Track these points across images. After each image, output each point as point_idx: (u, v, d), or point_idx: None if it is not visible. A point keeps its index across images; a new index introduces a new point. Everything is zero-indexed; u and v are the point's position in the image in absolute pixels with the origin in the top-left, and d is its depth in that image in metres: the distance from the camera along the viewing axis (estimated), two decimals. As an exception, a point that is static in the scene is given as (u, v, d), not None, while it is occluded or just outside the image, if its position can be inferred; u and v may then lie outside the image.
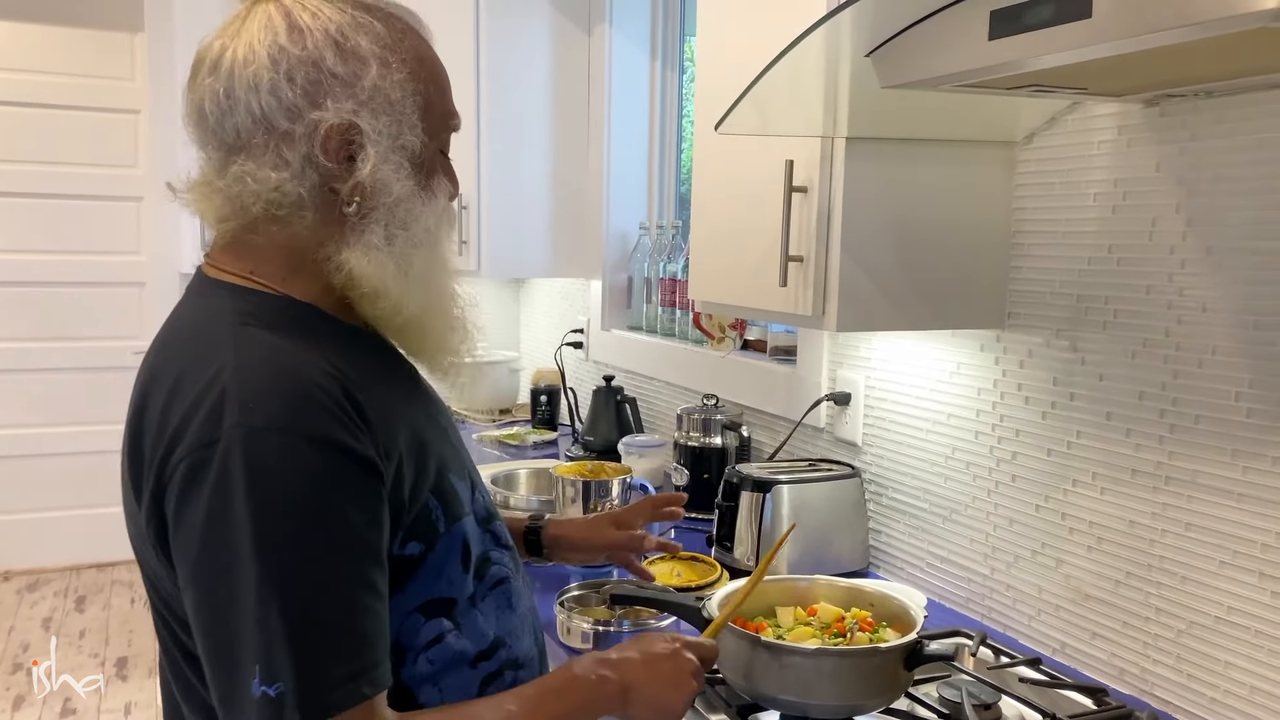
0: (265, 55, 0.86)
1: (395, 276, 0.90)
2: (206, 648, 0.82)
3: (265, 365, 0.84)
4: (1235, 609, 1.24)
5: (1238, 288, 1.22)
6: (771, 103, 1.30)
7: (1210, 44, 0.90)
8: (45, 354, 4.63)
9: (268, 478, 0.79)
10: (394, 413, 0.90)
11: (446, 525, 0.94)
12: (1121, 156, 1.36)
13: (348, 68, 0.87)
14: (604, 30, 2.83)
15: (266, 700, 0.78)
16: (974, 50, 1.02)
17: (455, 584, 0.95)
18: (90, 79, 4.54)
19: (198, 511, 0.80)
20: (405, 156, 0.91)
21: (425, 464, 0.92)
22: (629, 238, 2.89)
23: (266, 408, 0.81)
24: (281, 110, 0.87)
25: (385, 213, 0.90)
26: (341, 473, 0.82)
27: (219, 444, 0.79)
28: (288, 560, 0.79)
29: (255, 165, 0.88)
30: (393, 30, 0.91)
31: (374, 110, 0.88)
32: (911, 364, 1.75)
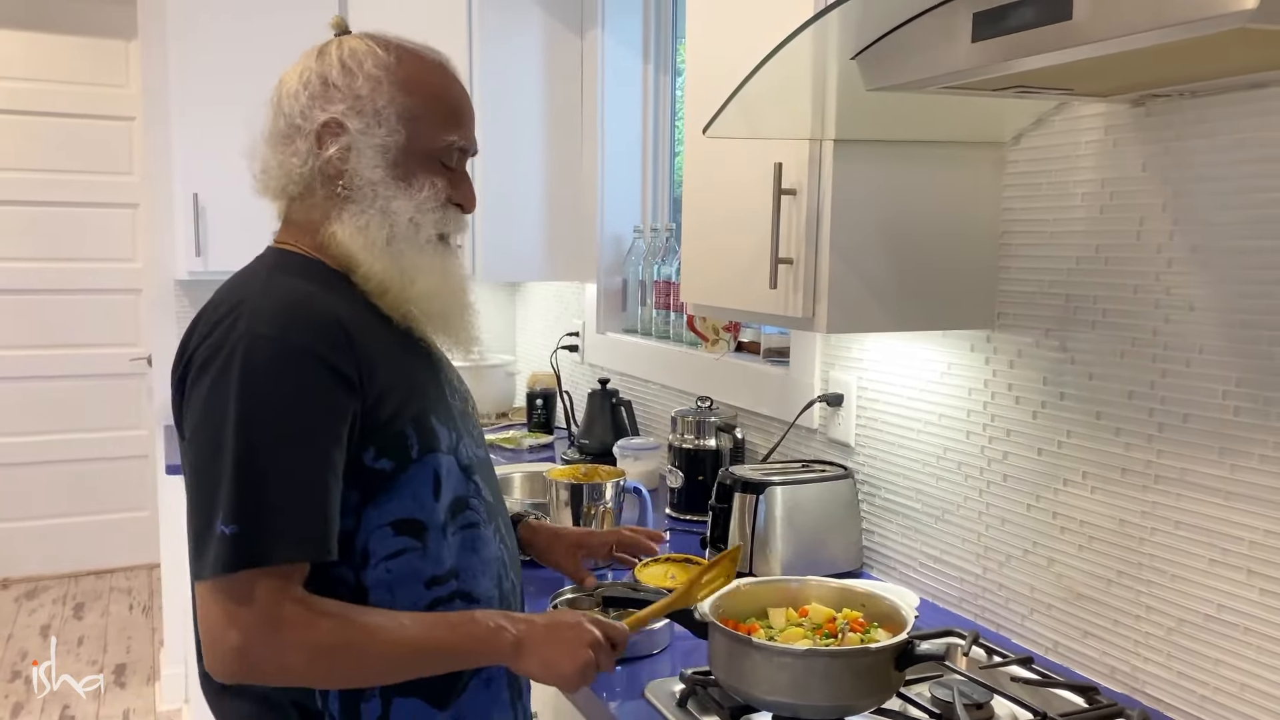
0: (298, 74, 1.14)
1: (366, 248, 1.11)
2: (191, 497, 1.03)
3: (279, 298, 1.06)
4: (1225, 606, 1.24)
5: (1224, 286, 1.22)
6: (759, 106, 1.31)
7: (1191, 45, 0.90)
8: (43, 361, 4.63)
9: (257, 372, 1.01)
10: (387, 353, 1.10)
11: (419, 454, 1.10)
12: (1108, 156, 1.36)
13: (345, 80, 1.11)
14: (596, 34, 2.83)
15: (223, 537, 0.98)
16: (957, 52, 1.03)
17: (425, 508, 1.10)
18: (85, 86, 4.55)
19: (202, 391, 1.03)
20: (380, 153, 1.11)
21: (409, 398, 1.10)
22: (623, 241, 2.89)
23: (268, 323, 1.03)
24: (299, 112, 1.12)
25: (363, 195, 1.11)
26: (317, 380, 1.02)
27: (227, 345, 1.02)
28: (260, 434, 1.00)
29: (286, 155, 1.13)
30: (399, 60, 1.14)
31: (358, 112, 1.11)
32: (903, 365, 1.75)
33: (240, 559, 0.97)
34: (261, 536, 0.98)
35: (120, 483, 4.79)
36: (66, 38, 4.50)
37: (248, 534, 0.97)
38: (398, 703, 1.10)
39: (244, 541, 0.97)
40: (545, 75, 2.90)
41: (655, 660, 1.48)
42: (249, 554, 0.97)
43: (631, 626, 1.19)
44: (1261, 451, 1.19)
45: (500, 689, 1.18)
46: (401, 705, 1.10)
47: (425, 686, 1.10)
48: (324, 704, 1.08)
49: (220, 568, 0.97)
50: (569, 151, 2.95)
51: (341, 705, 1.09)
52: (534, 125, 2.90)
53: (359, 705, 1.09)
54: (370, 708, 1.09)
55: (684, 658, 1.48)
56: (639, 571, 1.77)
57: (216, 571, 0.98)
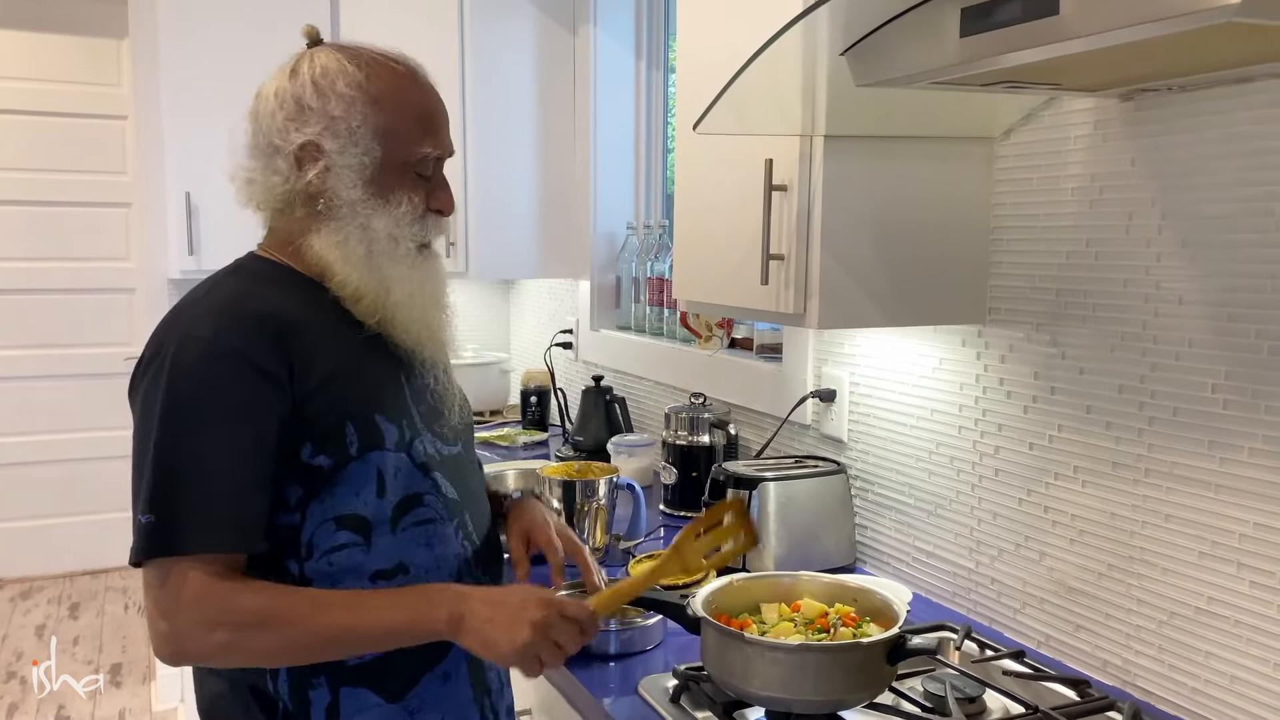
0: (273, 92, 1.16)
1: (343, 260, 1.14)
2: (130, 491, 1.07)
3: (220, 298, 1.12)
4: (1215, 599, 1.25)
5: (1213, 280, 1.23)
6: (749, 102, 1.31)
7: (1178, 39, 0.90)
8: (36, 362, 4.62)
9: (184, 371, 1.06)
10: (339, 352, 1.13)
11: (359, 451, 1.11)
12: (1098, 151, 1.37)
13: (319, 102, 1.13)
14: (589, 31, 2.83)
15: (139, 526, 1.04)
16: (946, 48, 1.03)
17: (369, 505, 1.12)
18: (77, 85, 4.53)
19: (140, 389, 1.09)
20: (356, 172, 1.14)
21: (351, 396, 1.12)
22: (616, 238, 2.89)
23: (201, 324, 1.08)
24: (276, 131, 1.15)
25: (342, 213, 1.14)
26: (239, 377, 1.06)
27: (165, 346, 1.08)
28: (179, 429, 1.05)
29: (267, 173, 1.16)
30: (370, 76, 1.15)
31: (334, 134, 1.13)
32: (895, 360, 1.76)
33: (154, 547, 1.03)
34: (173, 525, 1.03)
35: (115, 482, 4.77)
36: (58, 36, 4.49)
37: (162, 523, 1.03)
38: (346, 691, 1.12)
39: (158, 530, 1.03)
40: (537, 72, 2.89)
41: (648, 656, 1.48)
42: (163, 543, 1.03)
43: (600, 605, 1.12)
44: (1251, 445, 1.19)
45: (461, 685, 1.18)
46: (351, 694, 1.12)
47: (374, 676, 1.12)
48: (274, 687, 1.12)
49: (138, 555, 1.04)
50: (561, 148, 2.94)
51: (290, 689, 1.12)
52: (526, 122, 2.90)
53: (307, 692, 1.11)
54: (319, 696, 1.11)
55: (677, 653, 1.48)
56: (632, 567, 1.78)
57: (136, 559, 1.04)
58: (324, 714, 1.12)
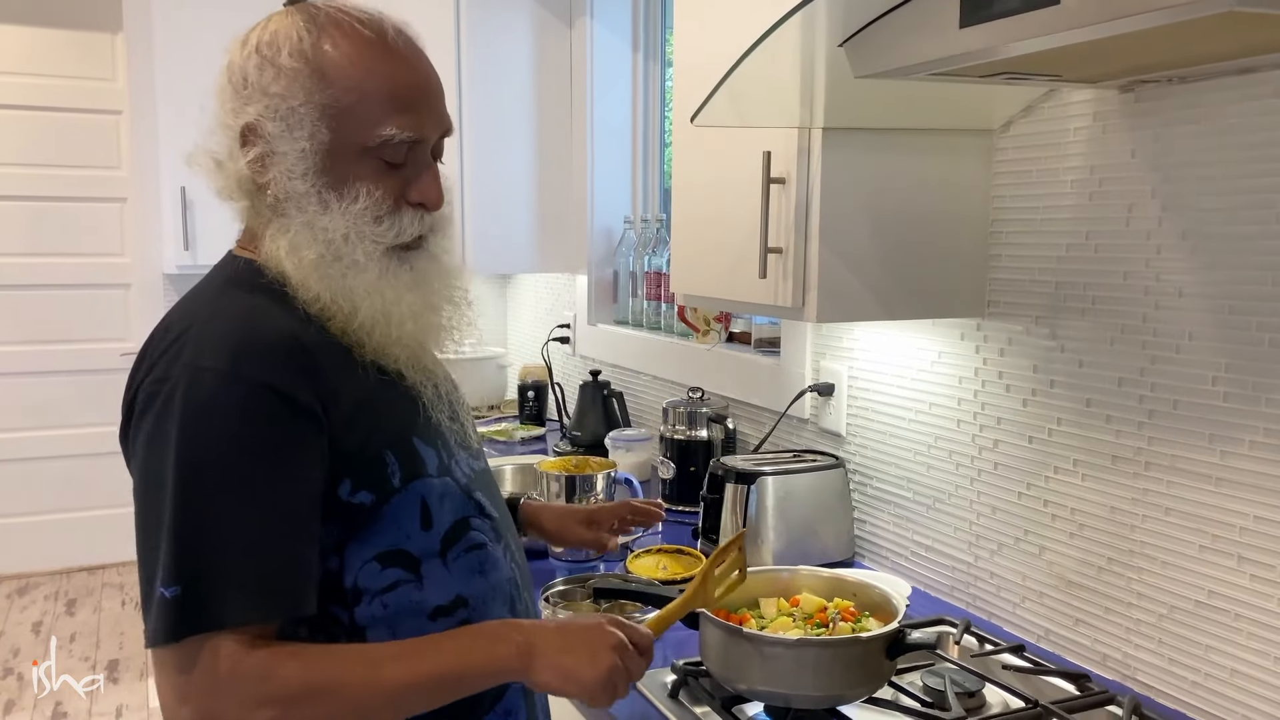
0: (226, 63, 1.01)
1: (295, 266, 0.98)
2: (138, 552, 0.92)
3: (230, 319, 0.95)
4: (1215, 593, 1.24)
5: (1213, 272, 1.22)
6: (747, 94, 1.30)
7: (1179, 29, 0.90)
8: (32, 357, 4.60)
9: (199, 411, 0.90)
10: (350, 374, 0.98)
11: (402, 481, 0.99)
12: (1097, 143, 1.36)
13: (259, 76, 0.98)
14: (585, 23, 2.82)
15: (163, 601, 0.87)
16: (945, 38, 1.02)
17: (414, 539, 0.99)
18: (72, 80, 4.51)
19: (143, 432, 0.92)
20: (301, 159, 0.97)
21: (382, 421, 0.99)
22: (614, 232, 2.88)
23: (216, 353, 0.92)
24: (226, 110, 1.01)
25: (288, 208, 0.99)
26: (271, 414, 0.91)
27: (170, 380, 0.91)
28: (203, 482, 0.89)
29: (222, 156, 1.02)
30: (319, 43, 0.98)
31: (274, 115, 0.97)
32: (893, 354, 1.75)
33: (184, 625, 0.87)
34: (207, 597, 0.87)
35: (111, 478, 4.75)
36: (51, 31, 4.47)
37: (190, 597, 0.87)
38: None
39: (187, 606, 0.87)
40: (534, 65, 2.88)
41: (647, 651, 1.47)
42: (193, 619, 0.87)
43: (654, 629, 1.08)
44: (1251, 438, 1.19)
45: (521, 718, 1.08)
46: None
47: None
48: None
49: (162, 636, 0.87)
50: (558, 142, 2.93)
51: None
52: (523, 116, 2.89)
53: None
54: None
55: (676, 648, 1.47)
56: (630, 563, 1.78)
57: (158, 641, 0.87)
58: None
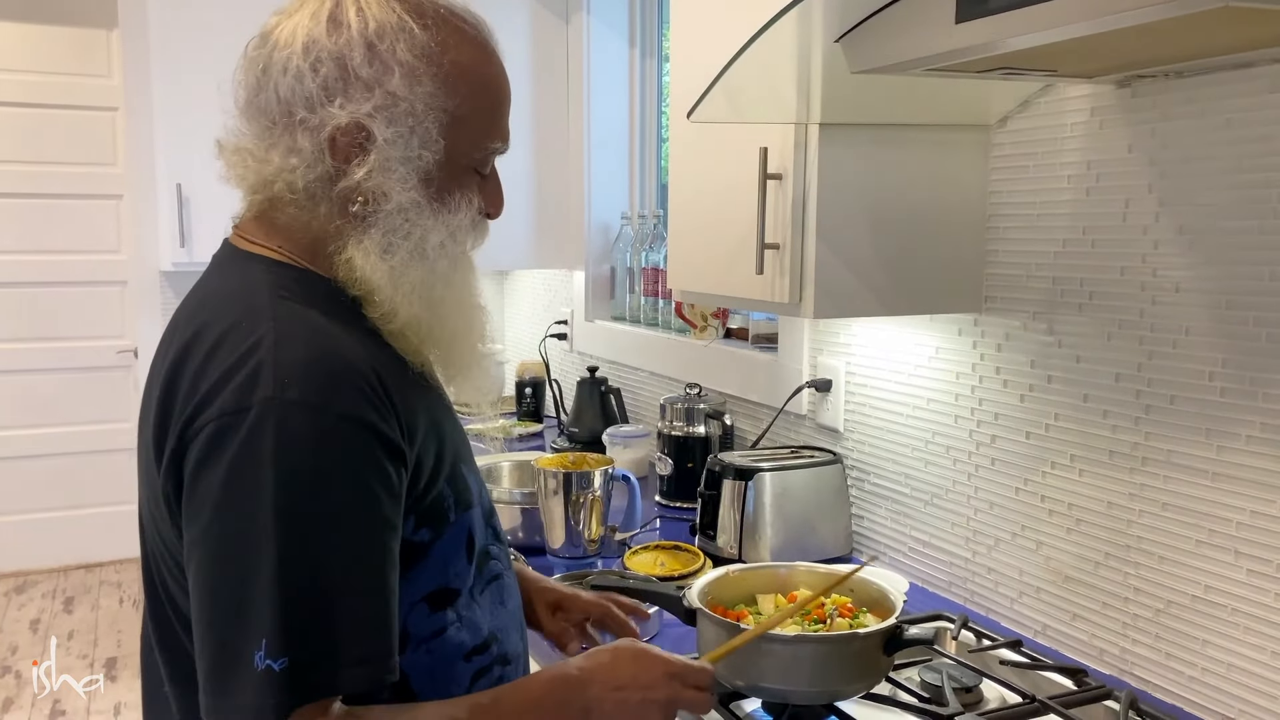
0: (301, 42, 0.87)
1: (389, 283, 0.90)
2: (206, 613, 0.80)
3: (303, 342, 0.84)
4: (1212, 588, 1.24)
5: (1210, 268, 1.22)
6: (743, 90, 1.30)
7: (1176, 23, 0.90)
8: (28, 355, 4.60)
9: (297, 450, 0.79)
10: (413, 400, 0.90)
11: (456, 514, 0.94)
12: (1094, 138, 1.36)
13: (372, 71, 0.87)
14: (582, 19, 2.82)
15: (269, 674, 0.76)
16: (942, 33, 1.02)
17: (460, 575, 0.94)
18: (67, 76, 4.50)
19: (217, 475, 0.79)
20: (414, 169, 0.90)
21: (442, 451, 0.93)
22: (611, 228, 2.88)
23: (302, 384, 0.81)
24: (301, 99, 0.87)
25: (386, 219, 0.89)
26: (370, 453, 0.82)
27: (250, 412, 0.79)
28: (312, 533, 0.78)
29: (274, 146, 0.89)
30: (441, 41, 0.89)
31: (389, 118, 0.88)
32: (891, 349, 1.75)
33: (296, 697, 0.77)
34: (321, 668, 0.78)
35: (108, 476, 4.76)
36: (46, 27, 4.46)
37: (304, 667, 0.77)
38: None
39: (299, 676, 0.77)
40: (530, 61, 2.88)
41: (645, 648, 1.47)
42: (306, 690, 0.78)
43: (715, 662, 1.07)
44: (1248, 433, 1.19)
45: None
46: None
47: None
48: None
49: (269, 711, 0.77)
50: (555, 138, 2.93)
51: None
52: (520, 111, 2.85)
53: None
54: None
55: (673, 645, 1.47)
56: (628, 559, 1.78)
57: (262, 714, 0.77)
58: None
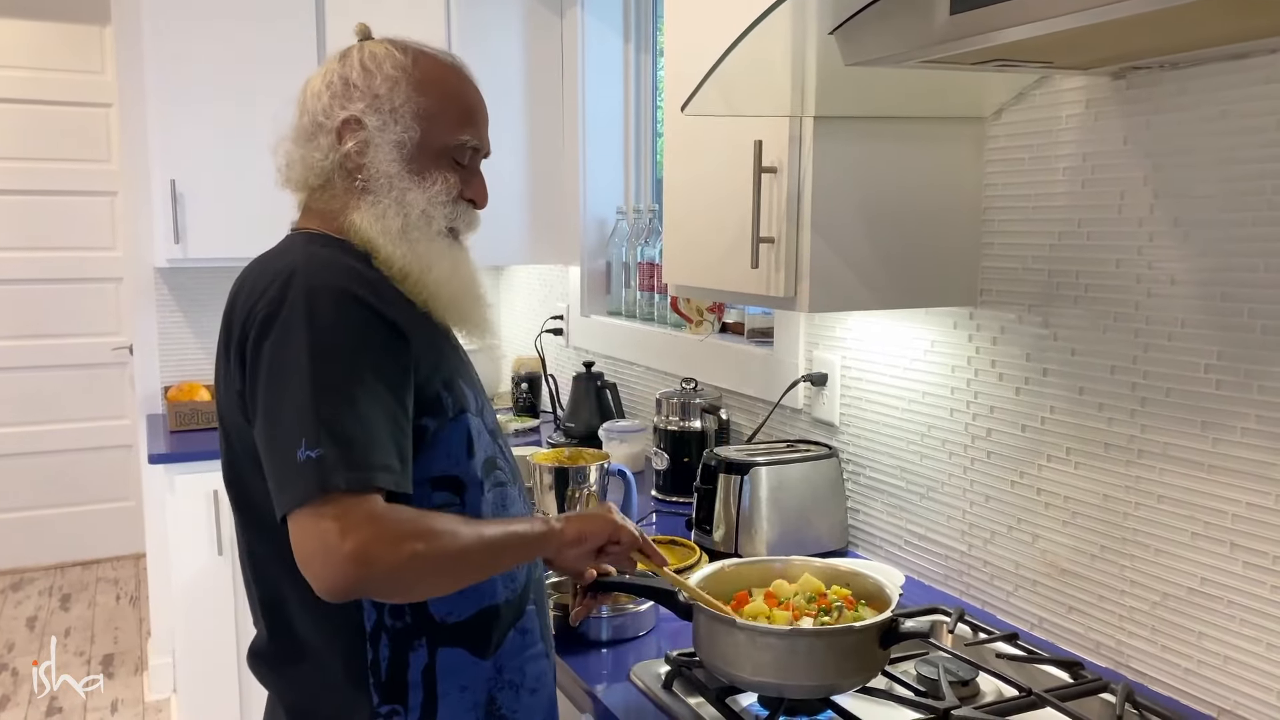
0: (323, 75, 1.21)
1: (384, 235, 1.16)
2: (267, 437, 1.05)
3: (326, 260, 1.12)
4: (1208, 580, 1.24)
5: (1205, 260, 1.22)
6: (737, 83, 1.29)
7: (1171, 14, 0.89)
8: (23, 352, 4.59)
9: (321, 315, 1.05)
10: (415, 322, 1.14)
11: (454, 414, 1.16)
12: (1089, 130, 1.36)
13: (365, 80, 1.18)
14: (576, 13, 2.81)
15: (309, 461, 1.00)
16: (936, 25, 1.02)
17: (460, 465, 1.16)
18: (60, 72, 4.49)
19: (270, 342, 1.06)
20: (396, 147, 1.17)
21: (439, 362, 1.16)
22: (606, 223, 2.88)
23: (324, 275, 1.09)
24: (322, 110, 1.19)
25: (377, 186, 1.17)
26: (378, 326, 1.08)
27: (286, 299, 1.07)
28: (332, 366, 1.04)
29: (309, 150, 1.19)
30: (416, 61, 1.20)
31: (376, 110, 1.17)
32: (886, 343, 1.75)
33: (330, 479, 0.99)
34: (347, 460, 1.01)
35: (104, 473, 4.76)
36: (39, 23, 4.44)
37: (335, 457, 1.00)
38: (443, 653, 1.15)
39: (332, 464, 1.00)
40: (525, 55, 2.87)
41: (641, 642, 1.47)
42: (339, 475, 1.00)
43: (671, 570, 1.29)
44: (1243, 425, 1.19)
45: (534, 639, 1.23)
46: (447, 655, 1.15)
47: (468, 637, 1.16)
48: (374, 655, 1.12)
49: (311, 491, 1.00)
50: (550, 133, 2.92)
51: (391, 655, 1.13)
52: (514, 107, 2.88)
53: (407, 655, 1.13)
54: (417, 657, 1.14)
55: (669, 639, 1.47)
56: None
57: (308, 496, 1.00)
58: (420, 675, 1.14)
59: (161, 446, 2.89)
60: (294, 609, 1.15)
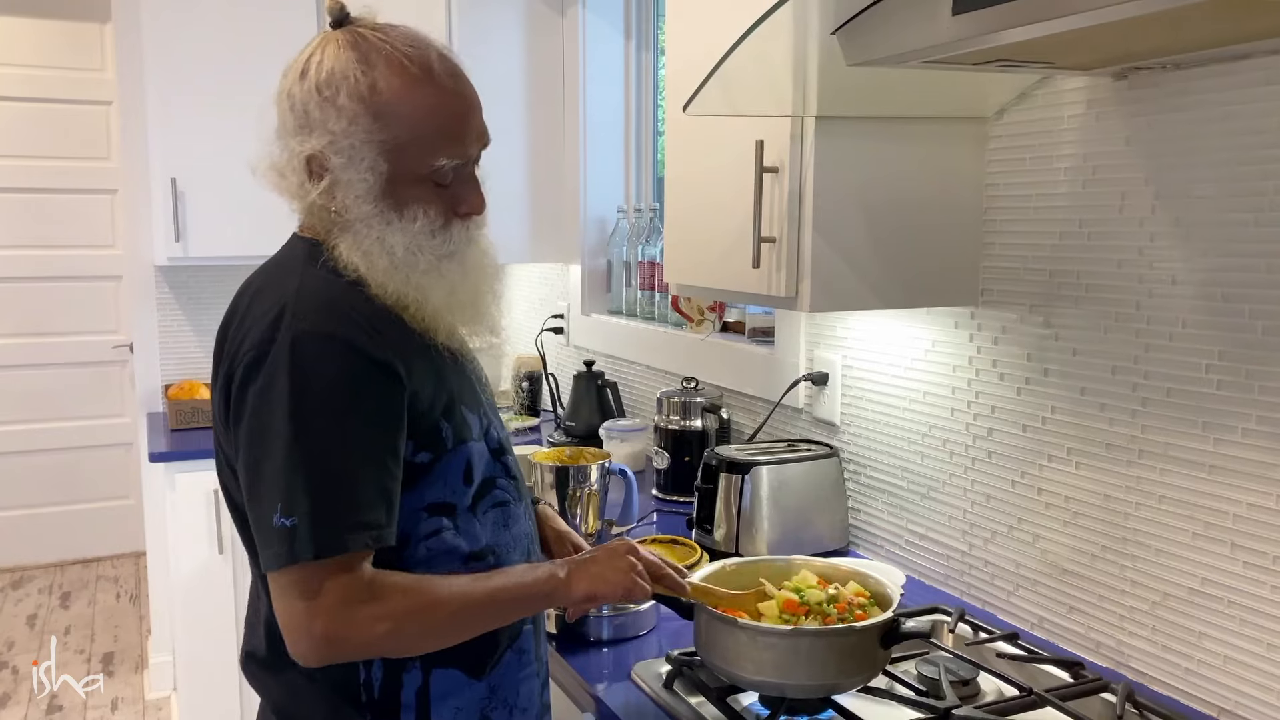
0: (287, 90, 1.11)
1: (371, 270, 1.10)
2: (248, 495, 1.05)
3: (318, 291, 1.08)
4: (1209, 580, 1.24)
5: (1206, 260, 1.22)
6: (739, 83, 1.29)
7: (1174, 15, 0.89)
8: (23, 350, 4.59)
9: (304, 366, 1.02)
10: (412, 348, 1.11)
11: (454, 444, 1.13)
12: (1091, 130, 1.36)
13: (321, 114, 1.08)
14: (577, 12, 2.81)
15: (283, 530, 0.99)
16: (938, 26, 1.02)
17: (456, 493, 1.13)
18: (60, 70, 4.49)
19: (253, 390, 1.04)
20: (365, 187, 1.09)
21: (439, 391, 1.12)
22: (607, 222, 2.88)
23: (312, 318, 1.05)
24: (289, 131, 1.11)
25: (357, 226, 1.11)
26: (365, 373, 1.04)
27: (275, 342, 1.04)
28: (312, 426, 1.01)
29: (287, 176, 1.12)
30: (375, 84, 1.07)
31: (336, 150, 1.08)
32: (887, 343, 1.75)
33: (301, 550, 0.99)
34: (327, 526, 1.00)
35: (104, 471, 4.76)
36: (39, 21, 4.44)
37: (307, 526, 0.99)
38: (437, 673, 1.13)
39: (311, 532, 0.99)
40: (525, 54, 2.87)
41: (642, 641, 1.47)
42: (310, 545, 0.99)
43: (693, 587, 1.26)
44: (1244, 425, 1.19)
45: (529, 659, 1.22)
46: (440, 675, 1.13)
47: (464, 657, 1.14)
48: (367, 675, 1.11)
49: (282, 561, 1.00)
50: (551, 132, 2.92)
51: (384, 675, 1.11)
52: (515, 105, 2.87)
53: (401, 675, 1.11)
54: (411, 678, 1.12)
55: (670, 638, 1.48)
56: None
57: (280, 564, 1.00)
58: (414, 697, 1.12)
59: (162, 445, 2.90)
60: None
